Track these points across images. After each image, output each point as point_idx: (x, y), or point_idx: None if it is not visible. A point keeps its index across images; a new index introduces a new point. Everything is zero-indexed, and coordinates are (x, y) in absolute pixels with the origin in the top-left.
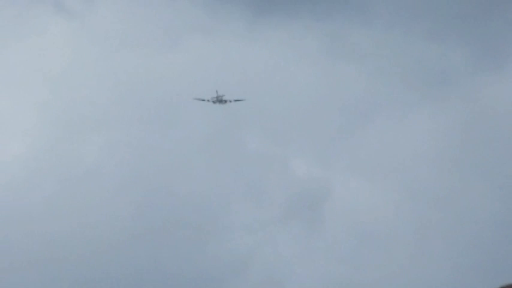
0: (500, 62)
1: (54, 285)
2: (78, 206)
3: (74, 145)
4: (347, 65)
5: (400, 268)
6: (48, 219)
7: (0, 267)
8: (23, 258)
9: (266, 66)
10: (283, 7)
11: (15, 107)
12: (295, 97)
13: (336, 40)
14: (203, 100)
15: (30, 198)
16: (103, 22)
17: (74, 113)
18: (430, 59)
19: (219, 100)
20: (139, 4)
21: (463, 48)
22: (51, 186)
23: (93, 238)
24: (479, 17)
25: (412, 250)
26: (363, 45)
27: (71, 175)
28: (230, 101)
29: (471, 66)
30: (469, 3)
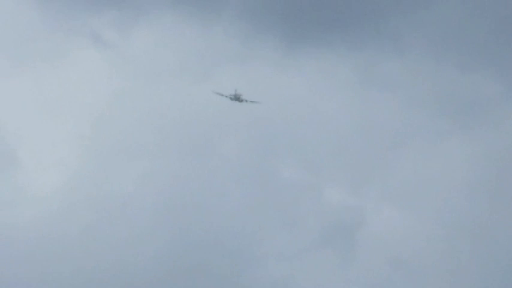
0: None
1: None
2: (115, 238)
3: (111, 176)
4: (380, 93)
5: None
6: (85, 252)
7: None
8: None
9: (300, 94)
10: (317, 36)
11: (52, 138)
12: (329, 125)
13: (369, 69)
14: (222, 95)
15: (67, 231)
16: (139, 53)
17: (110, 144)
18: (463, 88)
19: (237, 98)
20: (174, 35)
21: (496, 76)
22: (88, 218)
23: (130, 269)
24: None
25: (445, 279)
26: (396, 74)
27: (109, 207)
28: (246, 101)
29: (504, 95)
30: (502, 32)
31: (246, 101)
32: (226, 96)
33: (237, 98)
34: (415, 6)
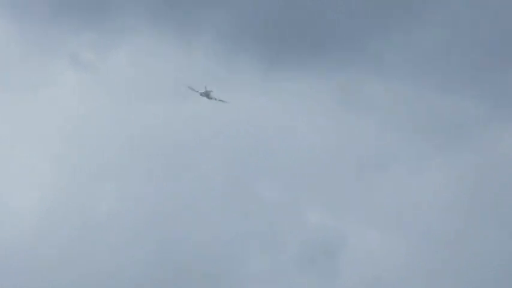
0: None
1: None
2: (91, 256)
3: (87, 196)
4: (360, 115)
5: None
6: (61, 270)
7: None
8: None
9: (279, 116)
10: (297, 58)
11: (29, 158)
12: (309, 147)
13: (350, 91)
14: (193, 90)
15: (44, 249)
16: (117, 74)
17: (87, 164)
18: (444, 111)
19: (206, 94)
20: (152, 56)
21: (477, 99)
22: (64, 237)
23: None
24: (493, 69)
25: None
26: (377, 96)
27: (85, 226)
28: (215, 99)
29: (485, 118)
30: (483, 54)
31: (215, 99)
32: (197, 91)
33: (206, 95)
34: (396, 28)
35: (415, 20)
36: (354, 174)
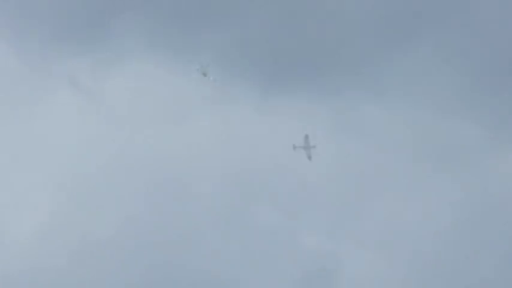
0: None
1: None
2: (89, 281)
3: (85, 220)
4: (357, 139)
5: None
6: None
7: None
8: None
9: (275, 141)
10: (294, 82)
11: (26, 182)
12: (306, 170)
13: (346, 114)
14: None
15: (43, 271)
16: (115, 97)
17: (85, 188)
18: (442, 134)
19: (203, 72)
20: (150, 81)
21: (476, 123)
22: (63, 262)
23: None
24: (492, 92)
25: None
26: (374, 119)
27: (83, 250)
28: (210, 78)
29: (484, 141)
30: (482, 76)
31: (210, 77)
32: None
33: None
34: (393, 52)
35: (412, 43)
36: (352, 197)
